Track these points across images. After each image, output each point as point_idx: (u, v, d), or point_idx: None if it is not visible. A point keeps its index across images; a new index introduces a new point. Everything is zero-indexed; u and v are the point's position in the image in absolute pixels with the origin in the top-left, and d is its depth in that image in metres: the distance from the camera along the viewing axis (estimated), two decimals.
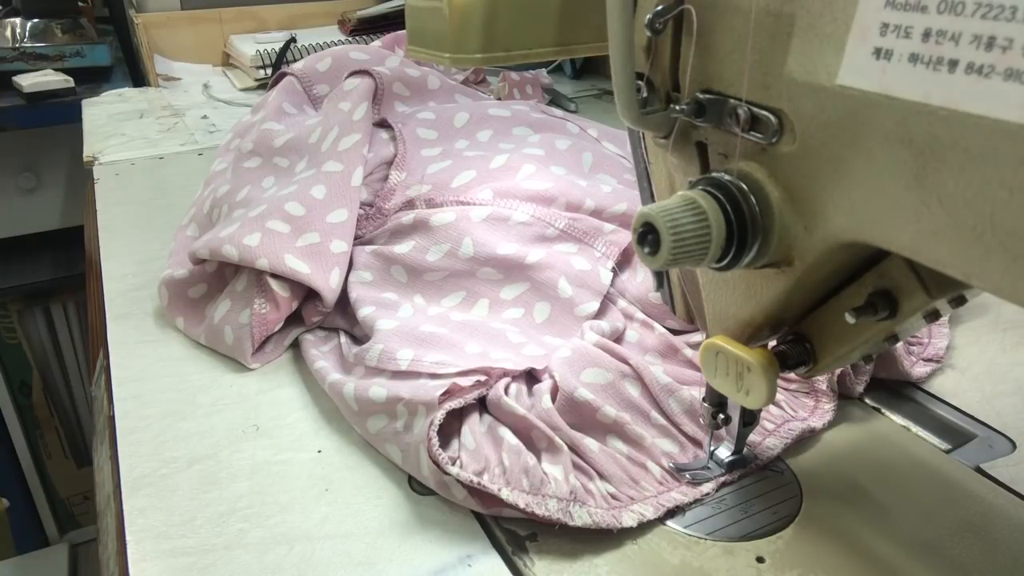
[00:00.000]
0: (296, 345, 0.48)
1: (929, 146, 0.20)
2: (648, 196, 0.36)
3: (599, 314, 0.45)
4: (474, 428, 0.37)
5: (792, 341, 0.31)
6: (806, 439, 0.40)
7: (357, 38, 1.13)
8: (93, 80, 1.11)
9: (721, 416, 0.36)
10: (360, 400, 0.39)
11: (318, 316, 0.48)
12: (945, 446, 0.40)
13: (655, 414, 0.39)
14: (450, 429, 0.37)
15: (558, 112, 0.66)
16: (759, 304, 0.29)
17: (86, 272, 0.73)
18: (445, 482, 0.35)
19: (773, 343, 0.31)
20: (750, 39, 0.25)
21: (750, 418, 0.36)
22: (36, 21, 1.09)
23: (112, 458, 0.40)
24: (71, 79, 1.05)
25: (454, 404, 0.37)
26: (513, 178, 0.50)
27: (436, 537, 0.34)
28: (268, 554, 0.33)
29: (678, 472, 0.37)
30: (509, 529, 0.35)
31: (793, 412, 0.40)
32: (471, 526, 0.35)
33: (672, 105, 0.29)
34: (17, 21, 1.08)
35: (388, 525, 0.35)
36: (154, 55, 1.11)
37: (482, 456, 0.35)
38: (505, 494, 0.33)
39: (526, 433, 0.36)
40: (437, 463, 0.34)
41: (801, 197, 0.25)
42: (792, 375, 0.41)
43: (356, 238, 0.50)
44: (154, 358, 0.47)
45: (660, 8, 0.28)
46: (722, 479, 0.37)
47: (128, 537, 0.34)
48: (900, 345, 0.44)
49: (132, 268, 0.57)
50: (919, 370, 0.44)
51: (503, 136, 0.57)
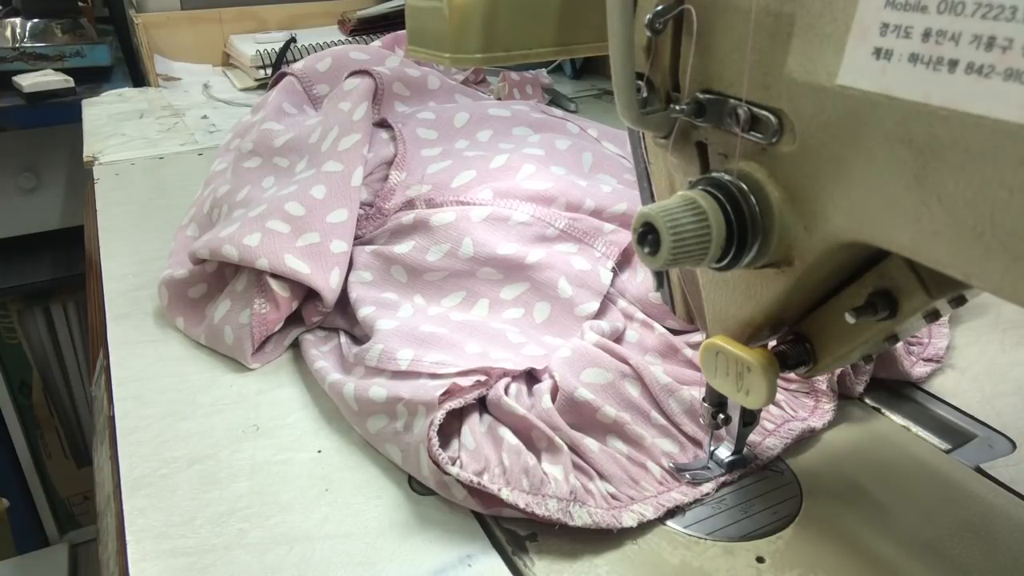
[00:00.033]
0: (296, 345, 0.48)
1: (929, 146, 0.20)
2: (648, 196, 0.36)
3: (599, 314, 0.45)
4: (474, 428, 0.37)
5: (792, 341, 0.31)
6: (806, 439, 0.40)
7: (357, 38, 1.13)
8: (93, 80, 1.11)
9: (721, 416, 0.36)
10: (360, 400, 0.39)
11: (318, 316, 0.48)
12: (945, 446, 0.40)
13: (655, 414, 0.39)
14: (450, 429, 0.37)
15: (558, 112, 0.66)
16: (759, 304, 0.29)
17: (86, 272, 0.73)
18: (445, 482, 0.35)
19: (773, 343, 0.31)
20: (750, 39, 0.25)
21: (750, 418, 0.36)
22: (36, 21, 1.09)
23: (112, 458, 0.40)
24: (71, 79, 1.05)
25: (454, 404, 0.37)
26: (513, 178, 0.50)
27: (436, 537, 0.34)
28: (268, 554, 0.33)
29: (678, 472, 0.37)
30: (509, 529, 0.35)
31: (793, 412, 0.40)
32: (471, 526, 0.35)
33: (672, 105, 0.29)
34: (17, 21, 1.08)
35: (388, 525, 0.35)
36: (154, 55, 1.11)
37: (482, 456, 0.35)
38: (505, 494, 0.33)
39: (526, 433, 0.36)
40: (437, 463, 0.34)
41: (801, 197, 0.25)
42: (792, 375, 0.41)
43: (356, 238, 0.50)
44: (154, 358, 0.47)
45: (660, 8, 0.28)
46: (722, 479, 0.37)
47: (128, 537, 0.34)
48: (900, 345, 0.44)
49: (132, 268, 0.57)
50: (919, 370, 0.44)
51: (503, 136, 0.57)
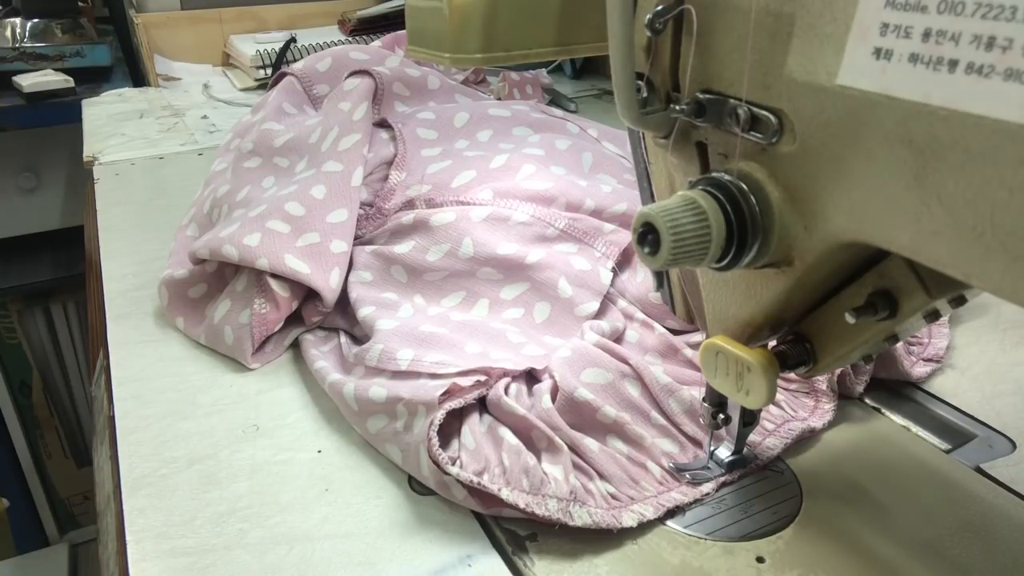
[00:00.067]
0: (296, 345, 0.48)
1: (929, 146, 0.20)
2: (648, 196, 0.36)
3: (599, 314, 0.45)
4: (474, 428, 0.37)
5: (792, 341, 0.31)
6: (806, 439, 0.40)
7: (357, 38, 1.13)
8: (93, 80, 1.11)
9: (721, 416, 0.36)
10: (360, 400, 0.39)
11: (318, 316, 0.48)
12: (945, 446, 0.40)
13: (655, 414, 0.39)
14: (450, 429, 0.37)
15: (558, 112, 0.66)
16: (759, 304, 0.29)
17: (86, 272, 0.73)
18: (445, 482, 0.35)
19: (773, 343, 0.31)
20: (750, 39, 0.25)
21: (750, 418, 0.36)
22: (36, 21, 1.09)
23: (112, 458, 0.40)
24: (71, 79, 1.05)
25: (454, 404, 0.37)
26: (513, 178, 0.50)
27: (436, 537, 0.34)
28: (268, 554, 0.33)
29: (678, 472, 0.37)
30: (509, 529, 0.35)
31: (793, 412, 0.40)
32: (471, 526, 0.35)
33: (672, 105, 0.29)
34: (17, 21, 1.08)
35: (388, 525, 0.35)
36: (154, 55, 1.11)
37: (482, 456, 0.35)
38: (505, 494, 0.33)
39: (526, 433, 0.36)
40: (437, 463, 0.34)
41: (801, 197, 0.25)
42: (792, 375, 0.41)
43: (356, 238, 0.50)
44: (154, 358, 0.47)
45: (660, 8, 0.28)
46: (722, 479, 0.37)
47: (128, 537, 0.34)
48: (900, 345, 0.44)
49: (132, 268, 0.57)
50: (919, 370, 0.44)
51: (503, 136, 0.57)
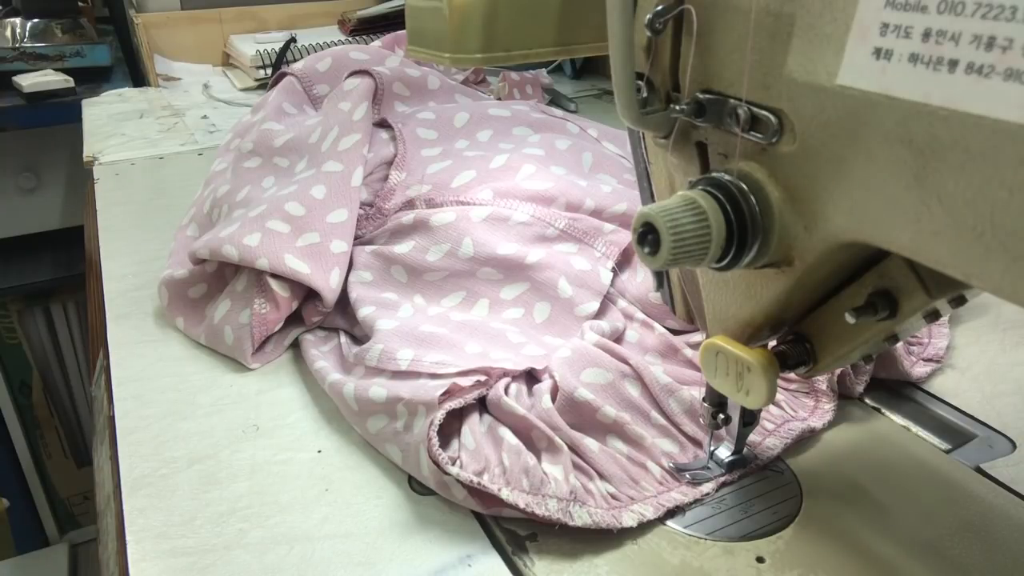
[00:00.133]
0: (296, 345, 0.48)
1: (929, 146, 0.20)
2: (648, 196, 0.36)
3: (599, 314, 0.45)
4: (474, 428, 0.37)
5: (792, 341, 0.31)
6: (806, 439, 0.40)
7: (357, 38, 1.13)
8: (93, 80, 1.11)
9: (721, 416, 0.36)
10: (360, 400, 0.39)
11: (318, 316, 0.48)
12: (945, 446, 0.40)
13: (655, 414, 0.39)
14: (450, 429, 0.37)
15: (558, 112, 0.66)
16: (759, 304, 0.29)
17: (86, 272, 0.73)
18: (445, 482, 0.35)
19: (773, 343, 0.31)
20: (750, 39, 0.25)
21: (750, 418, 0.36)
22: (36, 21, 1.09)
23: (112, 458, 0.40)
24: (71, 79, 1.05)
25: (454, 404, 0.37)
26: (513, 178, 0.50)
27: (436, 537, 0.34)
28: (268, 554, 0.33)
29: (678, 472, 0.37)
30: (509, 529, 0.35)
31: (793, 412, 0.40)
32: (471, 526, 0.35)
33: (672, 105, 0.29)
34: (17, 21, 1.08)
35: (388, 525, 0.35)
36: (154, 55, 1.11)
37: (482, 456, 0.35)
38: (505, 494, 0.33)
39: (526, 433, 0.36)
40: (437, 463, 0.34)
41: (801, 197, 0.25)
42: (792, 375, 0.41)
43: (356, 238, 0.50)
44: (154, 358, 0.47)
45: (660, 8, 0.28)
46: (722, 479, 0.37)
47: (128, 537, 0.34)
48: (900, 345, 0.44)
49: (132, 268, 0.57)
50: (919, 370, 0.44)
51: (503, 136, 0.57)
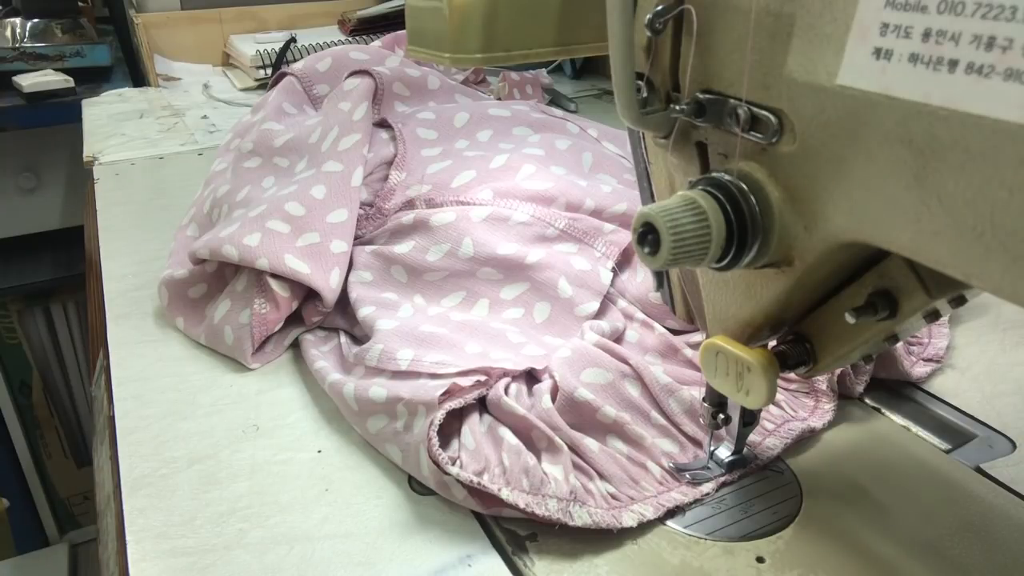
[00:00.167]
0: (296, 345, 0.48)
1: (929, 146, 0.20)
2: (648, 196, 0.36)
3: (599, 314, 0.45)
4: (474, 428, 0.37)
5: (792, 341, 0.31)
6: (806, 439, 0.40)
7: (357, 38, 1.13)
8: (93, 80, 1.11)
9: (721, 416, 0.36)
10: (360, 400, 0.39)
11: (318, 316, 0.48)
12: (945, 446, 0.40)
13: (655, 414, 0.39)
14: (450, 429, 0.37)
15: (558, 112, 0.66)
16: (759, 304, 0.29)
17: (86, 272, 0.73)
18: (445, 482, 0.35)
19: (773, 343, 0.31)
20: (750, 39, 0.25)
21: (750, 418, 0.36)
22: (36, 21, 1.09)
23: (112, 458, 0.40)
24: (71, 79, 1.05)
25: (454, 404, 0.37)
26: (513, 178, 0.50)
27: (436, 537, 0.34)
28: (268, 554, 0.33)
29: (678, 472, 0.37)
30: (509, 529, 0.35)
31: (793, 412, 0.40)
32: (471, 526, 0.35)
33: (672, 105, 0.29)
34: (17, 21, 1.08)
35: (388, 525, 0.35)
36: (154, 55, 1.11)
37: (482, 456, 0.35)
38: (505, 494, 0.33)
39: (526, 433, 0.36)
40: (437, 463, 0.34)
41: (801, 197, 0.25)
42: (792, 375, 0.41)
43: (356, 238, 0.50)
44: (154, 358, 0.47)
45: (660, 8, 0.28)
46: (722, 479, 0.37)
47: (128, 537, 0.34)
48: (900, 345, 0.44)
49: (132, 268, 0.57)
50: (919, 370, 0.44)
51: (503, 136, 0.57)
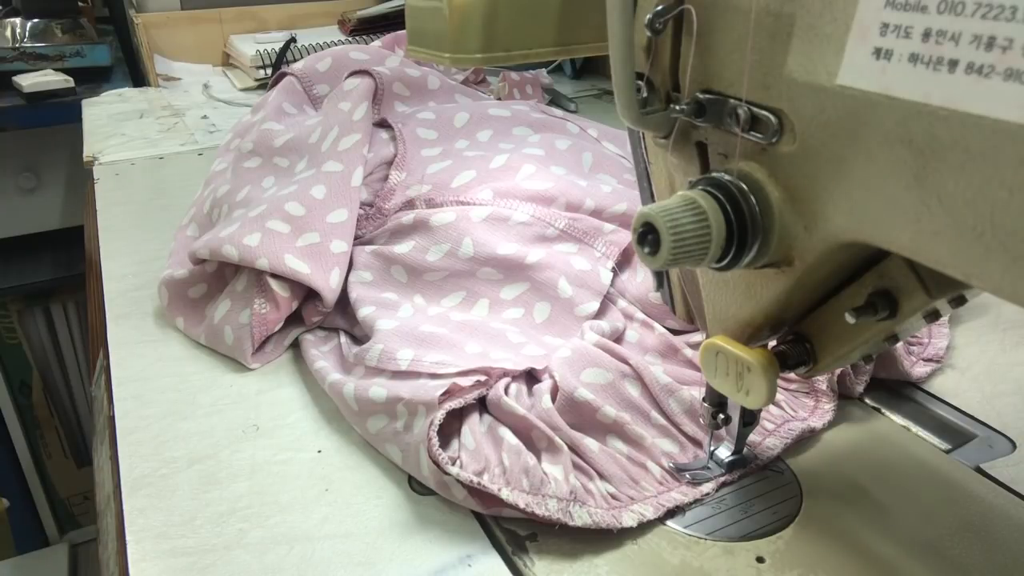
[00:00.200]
0: (296, 345, 0.48)
1: (929, 146, 0.20)
2: (648, 196, 0.36)
3: (599, 314, 0.45)
4: (474, 428, 0.37)
5: (792, 341, 0.31)
6: (806, 439, 0.40)
7: (357, 38, 1.13)
8: (93, 80, 1.11)
9: (721, 416, 0.36)
10: (360, 400, 0.39)
11: (318, 316, 0.48)
12: (945, 446, 0.40)
13: (655, 414, 0.39)
14: (450, 429, 0.37)
15: (558, 112, 0.66)
16: (759, 304, 0.29)
17: (86, 272, 0.73)
18: (445, 482, 0.35)
19: (773, 343, 0.31)
20: (750, 39, 0.25)
21: (750, 418, 0.36)
22: (36, 21, 1.09)
23: (112, 458, 0.40)
24: (71, 79, 1.05)
25: (454, 404, 0.37)
26: (513, 178, 0.50)
27: (436, 537, 0.34)
28: (268, 554, 0.33)
29: (678, 472, 0.37)
30: (509, 529, 0.35)
31: (793, 412, 0.40)
32: (471, 526, 0.35)
33: (672, 105, 0.29)
34: (17, 21, 1.08)
35: (388, 525, 0.35)
36: (154, 55, 1.11)
37: (482, 456, 0.35)
38: (505, 494, 0.33)
39: (526, 433, 0.36)
40: (437, 463, 0.34)
41: (801, 197, 0.25)
42: (792, 375, 0.41)
43: (356, 238, 0.50)
44: (154, 358, 0.47)
45: (660, 8, 0.28)
46: (722, 479, 0.37)
47: (128, 537, 0.34)
48: (900, 345, 0.44)
49: (132, 268, 0.57)
50: (919, 370, 0.44)
51: (503, 136, 0.57)
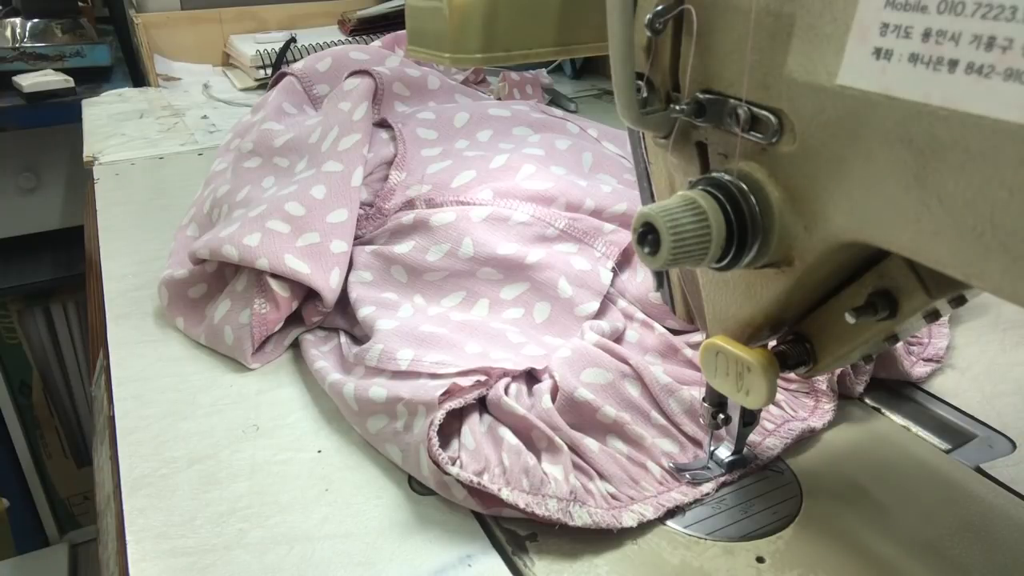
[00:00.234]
0: (296, 345, 0.48)
1: (929, 146, 0.20)
2: (648, 196, 0.36)
3: (599, 314, 0.45)
4: (474, 428, 0.37)
5: (792, 341, 0.31)
6: (806, 439, 0.40)
7: (357, 38, 1.13)
8: (93, 80, 1.11)
9: (721, 416, 0.36)
10: (360, 400, 0.39)
11: (318, 316, 0.48)
12: (945, 446, 0.40)
13: (655, 414, 0.39)
14: (450, 429, 0.37)
15: (558, 112, 0.66)
16: (759, 304, 0.29)
17: (86, 272, 0.73)
18: (445, 482, 0.35)
19: (773, 343, 0.31)
20: (750, 39, 0.25)
21: (750, 418, 0.36)
22: (36, 21, 1.09)
23: (112, 458, 0.40)
24: (71, 79, 1.05)
25: (454, 404, 0.37)
26: (513, 178, 0.50)
27: (436, 537, 0.34)
28: (268, 554, 0.33)
29: (678, 472, 0.37)
30: (509, 529, 0.35)
31: (793, 412, 0.40)
32: (471, 526, 0.35)
33: (672, 105, 0.29)
34: (17, 21, 1.08)
35: (388, 525, 0.35)
36: (154, 55, 1.11)
37: (482, 456, 0.35)
38: (505, 494, 0.33)
39: (526, 433, 0.36)
40: (437, 463, 0.34)
41: (801, 197, 0.25)
42: (792, 375, 0.41)
43: (356, 238, 0.50)
44: (154, 358, 0.47)
45: (660, 8, 0.28)
46: (722, 479, 0.37)
47: (128, 537, 0.34)
48: (900, 345, 0.44)
49: (132, 268, 0.57)
50: (919, 370, 0.44)
51: (503, 136, 0.57)
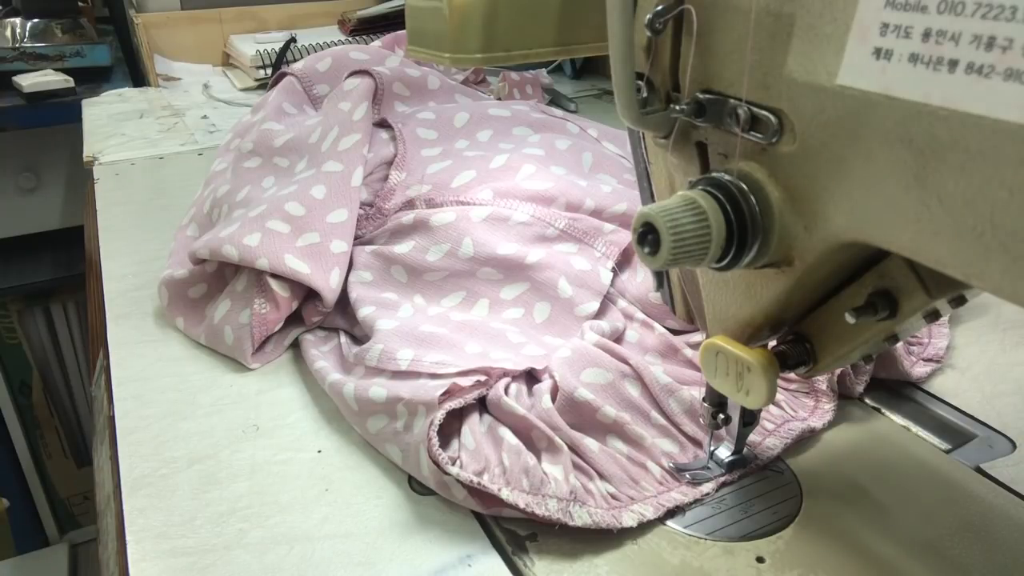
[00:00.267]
0: (296, 345, 0.48)
1: (929, 146, 0.20)
2: (648, 196, 0.36)
3: (599, 314, 0.45)
4: (474, 428, 0.37)
5: (792, 341, 0.31)
6: (806, 439, 0.40)
7: (357, 38, 1.13)
8: (93, 80, 1.11)
9: (721, 416, 0.36)
10: (360, 400, 0.39)
11: (318, 316, 0.48)
12: (945, 446, 0.40)
13: (655, 414, 0.39)
14: (450, 429, 0.37)
15: (558, 112, 0.66)
16: (759, 304, 0.29)
17: (86, 272, 0.73)
18: (445, 482, 0.35)
19: (773, 343, 0.31)
20: (750, 39, 0.25)
21: (750, 418, 0.36)
22: (36, 21, 1.09)
23: (112, 458, 0.40)
24: (71, 79, 1.05)
25: (454, 404, 0.37)
26: (513, 178, 0.50)
27: (436, 537, 0.34)
28: (268, 554, 0.33)
29: (678, 472, 0.37)
30: (509, 529, 0.35)
31: (793, 412, 0.40)
32: (471, 526, 0.35)
33: (672, 105, 0.29)
34: (17, 21, 1.08)
35: (388, 525, 0.35)
36: (154, 55, 1.11)
37: (482, 456, 0.35)
38: (505, 494, 0.33)
39: (526, 433, 0.36)
40: (437, 463, 0.34)
41: (801, 197, 0.25)
42: (792, 375, 0.41)
43: (356, 238, 0.50)
44: (154, 358, 0.47)
45: (660, 8, 0.28)
46: (722, 479, 0.37)
47: (128, 537, 0.34)
48: (900, 345, 0.44)
49: (132, 268, 0.57)
50: (919, 370, 0.44)
51: (503, 136, 0.57)
